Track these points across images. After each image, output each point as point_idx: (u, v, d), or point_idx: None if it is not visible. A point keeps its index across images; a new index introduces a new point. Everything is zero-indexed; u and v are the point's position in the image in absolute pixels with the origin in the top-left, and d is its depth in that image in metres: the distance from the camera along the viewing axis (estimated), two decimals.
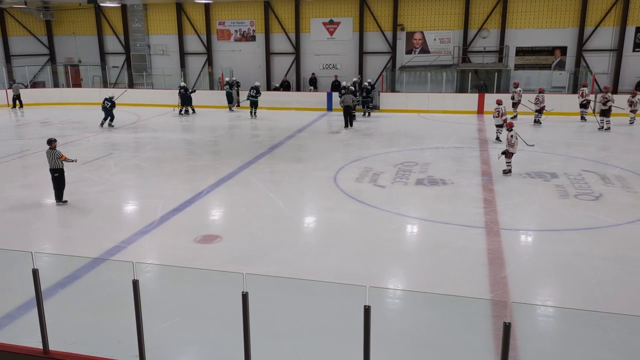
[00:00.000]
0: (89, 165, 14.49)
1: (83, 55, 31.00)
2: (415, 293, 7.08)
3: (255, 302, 4.49)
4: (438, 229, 9.75)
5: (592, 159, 14.84)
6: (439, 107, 23.36)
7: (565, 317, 6.17)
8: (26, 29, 30.46)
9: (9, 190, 12.35)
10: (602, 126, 19.10)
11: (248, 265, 8.15)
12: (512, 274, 7.88)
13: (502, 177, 12.95)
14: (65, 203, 11.14)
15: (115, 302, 6.76)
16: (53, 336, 5.07)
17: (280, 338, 6.18)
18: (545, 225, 9.89)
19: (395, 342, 5.94)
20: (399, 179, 12.87)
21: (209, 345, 6.24)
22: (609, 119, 18.97)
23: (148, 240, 9.36)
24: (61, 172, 11.03)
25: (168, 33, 29.54)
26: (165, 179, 13.28)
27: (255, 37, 28.41)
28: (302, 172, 14.07)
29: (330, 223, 10.24)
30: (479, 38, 25.54)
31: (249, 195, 11.85)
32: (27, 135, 19.45)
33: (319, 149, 16.78)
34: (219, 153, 16.64)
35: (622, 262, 8.25)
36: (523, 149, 14.32)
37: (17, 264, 6.61)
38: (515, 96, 21.34)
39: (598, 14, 24.13)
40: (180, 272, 7.22)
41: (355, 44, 27.11)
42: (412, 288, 7.53)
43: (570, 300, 7.20)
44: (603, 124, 19.08)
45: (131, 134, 19.52)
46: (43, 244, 9.43)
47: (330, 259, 8.52)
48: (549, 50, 25.04)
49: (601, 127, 19.10)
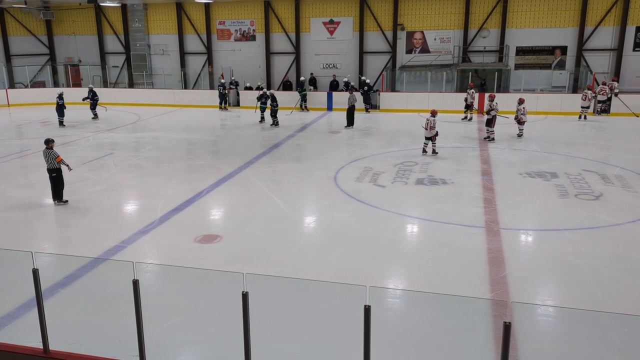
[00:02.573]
0: (89, 165, 14.49)
1: (83, 55, 31.01)
2: (415, 293, 7.08)
3: (256, 302, 4.49)
4: (438, 229, 9.74)
5: (592, 158, 14.83)
6: (439, 107, 23.31)
7: (566, 317, 6.17)
8: (26, 28, 30.46)
9: (8, 190, 12.35)
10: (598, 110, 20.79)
11: (248, 265, 8.15)
12: (512, 273, 7.88)
13: (503, 177, 12.95)
14: (66, 203, 11.14)
15: (116, 302, 6.76)
16: (53, 336, 5.07)
17: (281, 338, 6.18)
18: (545, 224, 9.88)
19: (395, 341, 5.94)
20: (399, 179, 12.87)
21: (209, 345, 6.24)
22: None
23: (148, 240, 9.36)
24: (59, 172, 11.01)
25: (168, 33, 29.55)
26: (165, 179, 13.28)
27: (255, 36, 28.41)
28: (302, 172, 14.07)
29: (331, 223, 10.24)
30: (479, 38, 25.54)
31: (249, 195, 11.85)
32: (27, 135, 19.45)
33: (319, 148, 16.77)
34: (219, 153, 16.64)
35: (622, 261, 8.25)
36: (523, 148, 14.32)
37: (17, 264, 6.60)
38: (468, 98, 21.25)
39: (598, 13, 24.12)
40: (181, 272, 7.22)
41: (355, 43, 27.11)
42: (413, 288, 7.54)
43: (570, 300, 7.20)
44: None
45: (131, 134, 19.52)
46: (43, 244, 9.43)
47: (331, 258, 8.52)
48: (549, 50, 25.04)
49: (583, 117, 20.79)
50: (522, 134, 17.92)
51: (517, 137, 17.82)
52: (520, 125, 17.86)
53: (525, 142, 16.96)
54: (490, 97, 17.37)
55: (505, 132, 18.26)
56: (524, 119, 17.88)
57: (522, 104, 17.85)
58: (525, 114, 17.83)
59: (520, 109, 17.77)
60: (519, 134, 17.88)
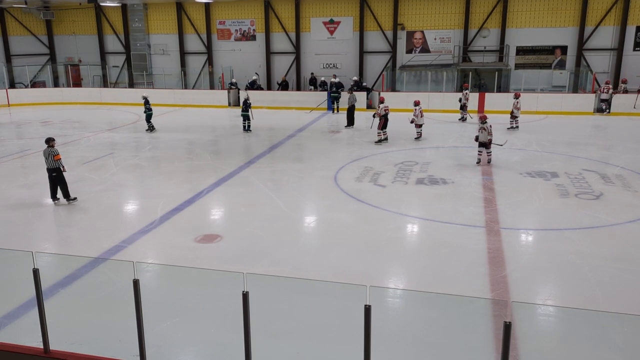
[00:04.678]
0: (89, 165, 14.49)
1: (83, 55, 31.01)
2: (415, 292, 7.08)
3: (256, 301, 4.49)
4: (438, 229, 9.74)
5: (592, 158, 14.83)
6: (440, 107, 23.34)
7: (566, 317, 6.16)
8: (26, 28, 30.46)
9: (9, 190, 12.36)
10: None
11: (248, 265, 8.15)
12: (512, 273, 7.87)
13: (503, 177, 12.95)
14: (75, 200, 11.18)
15: (116, 302, 6.76)
16: (54, 336, 5.07)
17: (281, 337, 6.18)
18: (545, 224, 9.88)
19: (395, 341, 5.94)
20: (399, 179, 12.87)
21: (209, 344, 6.24)
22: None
23: (148, 239, 9.36)
24: (59, 171, 11.02)
25: (168, 32, 29.55)
26: (165, 179, 13.28)
27: (255, 36, 28.41)
28: (303, 172, 14.07)
29: (331, 222, 10.24)
30: (480, 37, 25.54)
31: (249, 195, 11.85)
32: (27, 135, 19.45)
33: (319, 148, 16.78)
34: (219, 152, 16.64)
35: (622, 261, 8.24)
36: (524, 148, 14.32)
37: (18, 264, 6.60)
38: (462, 98, 21.24)
39: (598, 13, 24.12)
40: (181, 272, 7.22)
41: (355, 43, 27.11)
42: (413, 287, 7.53)
43: (570, 299, 7.20)
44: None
45: (131, 134, 19.52)
46: (43, 244, 9.43)
47: (331, 258, 8.52)
48: (550, 50, 25.03)
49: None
50: (515, 126, 18.25)
51: (513, 129, 18.37)
52: (512, 120, 18.15)
53: (525, 142, 16.95)
54: (482, 118, 14.31)
55: (505, 132, 18.26)
56: (515, 114, 18.09)
57: (517, 98, 18.10)
58: (519, 109, 18.06)
59: (515, 103, 18.05)
60: (512, 127, 18.17)
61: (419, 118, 17.37)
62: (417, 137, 17.58)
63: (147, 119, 19.40)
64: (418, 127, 17.59)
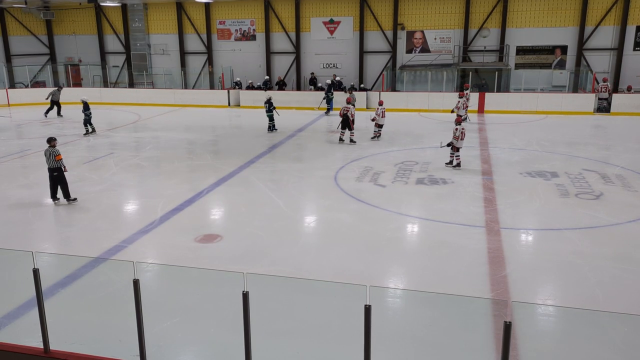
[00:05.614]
0: (89, 165, 14.49)
1: (83, 55, 31.01)
2: (415, 292, 7.08)
3: (256, 301, 4.49)
4: (438, 228, 9.74)
5: (592, 158, 14.83)
6: (440, 107, 23.35)
7: (566, 317, 6.17)
8: (26, 28, 30.46)
9: (9, 190, 12.36)
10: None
11: (248, 265, 8.15)
12: (512, 273, 7.88)
13: (503, 177, 12.94)
14: (75, 201, 11.18)
15: (116, 302, 6.76)
16: (54, 336, 5.07)
17: (281, 337, 6.18)
18: (545, 224, 9.88)
19: (395, 341, 5.94)
20: (399, 178, 12.87)
21: (209, 344, 6.24)
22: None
23: (148, 239, 9.36)
24: (60, 171, 11.02)
25: (168, 32, 29.54)
26: (165, 179, 13.29)
27: (255, 36, 28.40)
28: (303, 172, 14.07)
29: (331, 222, 10.24)
30: (480, 37, 25.53)
31: (249, 195, 11.85)
32: (28, 135, 19.45)
33: (319, 148, 16.78)
34: (219, 152, 16.64)
35: (622, 261, 8.25)
36: (524, 148, 14.33)
37: (18, 264, 6.61)
38: (460, 101, 21.17)
39: (598, 13, 24.11)
40: (181, 272, 7.22)
41: (355, 43, 27.11)
42: (413, 287, 7.54)
43: (570, 299, 7.20)
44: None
45: (131, 134, 19.52)
46: (43, 244, 9.43)
47: (331, 258, 8.52)
48: (550, 50, 25.02)
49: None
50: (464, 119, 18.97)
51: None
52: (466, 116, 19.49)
53: (525, 142, 16.95)
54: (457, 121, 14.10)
55: (505, 131, 18.25)
56: (460, 113, 18.69)
57: (461, 97, 19.33)
58: (467, 107, 19.19)
59: (462, 101, 19.16)
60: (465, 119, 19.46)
61: (379, 118, 17.46)
62: (373, 137, 17.65)
63: (85, 122, 18.79)
64: (378, 127, 17.67)
